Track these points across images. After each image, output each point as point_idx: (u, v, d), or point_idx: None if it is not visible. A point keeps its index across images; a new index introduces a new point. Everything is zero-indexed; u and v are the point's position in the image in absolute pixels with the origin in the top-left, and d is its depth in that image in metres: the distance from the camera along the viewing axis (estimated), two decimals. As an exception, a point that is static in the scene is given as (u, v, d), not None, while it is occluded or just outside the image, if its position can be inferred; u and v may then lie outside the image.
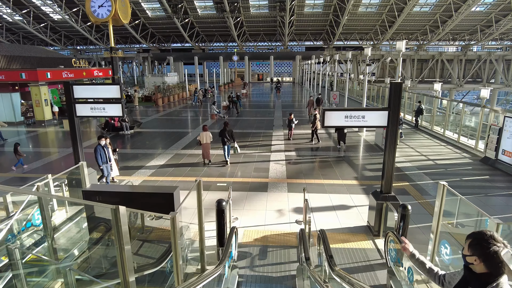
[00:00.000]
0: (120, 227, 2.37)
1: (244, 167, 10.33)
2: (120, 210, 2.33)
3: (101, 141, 8.55)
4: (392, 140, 5.79)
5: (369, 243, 5.89)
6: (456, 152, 12.05)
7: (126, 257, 2.48)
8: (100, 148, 8.47)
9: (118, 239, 2.40)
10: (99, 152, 8.44)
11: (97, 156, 8.40)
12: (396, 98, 5.59)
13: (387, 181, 6.00)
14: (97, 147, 8.46)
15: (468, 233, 1.95)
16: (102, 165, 8.47)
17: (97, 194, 4.79)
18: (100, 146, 8.48)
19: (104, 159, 8.47)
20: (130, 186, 6.39)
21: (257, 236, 6.13)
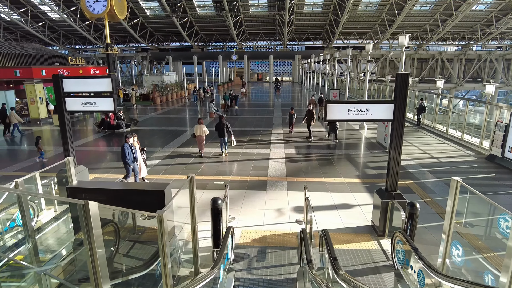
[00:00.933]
0: (90, 228, 2.02)
1: (242, 165, 10.01)
2: (90, 207, 1.98)
3: (128, 140, 8.07)
4: (398, 135, 5.47)
5: (374, 244, 5.57)
6: (460, 150, 11.74)
7: (99, 263, 2.13)
8: (127, 146, 7.98)
9: (88, 242, 2.06)
10: (127, 150, 7.95)
11: (125, 155, 7.90)
12: (403, 90, 5.27)
13: (393, 178, 5.68)
14: (124, 146, 7.98)
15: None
16: (131, 164, 8.00)
17: (83, 191, 4.46)
18: (127, 145, 8.00)
19: (131, 158, 7.99)
20: (119, 183, 6.07)
21: (256, 236, 5.80)
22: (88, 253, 2.10)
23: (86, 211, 1.97)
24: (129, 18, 49.07)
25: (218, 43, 61.47)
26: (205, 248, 5.40)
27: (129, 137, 8.12)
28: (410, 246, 3.90)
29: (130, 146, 8.06)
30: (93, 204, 2.01)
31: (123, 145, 7.98)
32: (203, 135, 10.75)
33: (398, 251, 4.50)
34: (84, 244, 2.10)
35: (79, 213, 2.04)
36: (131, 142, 8.12)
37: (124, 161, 8.00)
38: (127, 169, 8.11)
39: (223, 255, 3.91)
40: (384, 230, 5.76)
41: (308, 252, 3.84)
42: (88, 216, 1.98)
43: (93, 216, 2.02)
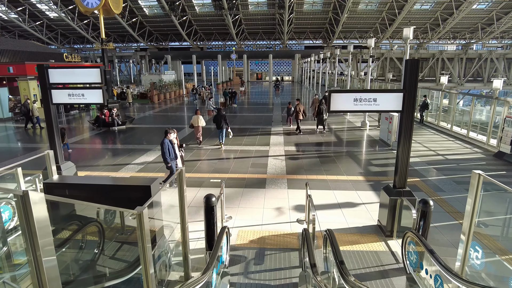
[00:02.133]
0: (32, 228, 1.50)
1: (241, 162, 9.59)
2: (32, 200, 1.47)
3: (169, 135, 7.41)
4: (408, 128, 5.06)
5: (381, 245, 5.15)
6: (466, 147, 11.33)
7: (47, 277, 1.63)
8: (168, 142, 7.33)
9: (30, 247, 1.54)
10: (167, 146, 7.28)
11: (165, 151, 7.24)
12: (413, 78, 4.86)
13: (401, 174, 5.26)
14: (164, 141, 7.30)
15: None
16: (170, 162, 7.35)
17: (61, 187, 4.05)
18: (168, 140, 7.35)
19: (172, 155, 7.37)
20: (101, 178, 5.64)
21: (253, 237, 5.38)
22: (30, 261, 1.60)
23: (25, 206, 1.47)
24: (128, 17, 48.69)
25: (217, 42, 61.07)
26: (199, 250, 4.98)
27: (169, 132, 7.44)
28: (424, 247, 3.49)
29: (170, 141, 7.39)
30: (37, 196, 1.51)
31: (163, 141, 7.31)
32: (200, 126, 11.35)
33: (410, 253, 4.08)
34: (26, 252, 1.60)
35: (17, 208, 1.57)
36: (171, 138, 7.46)
37: (164, 158, 7.31)
38: (169, 168, 7.46)
39: (216, 257, 3.49)
40: (392, 230, 5.34)
41: (312, 255, 3.43)
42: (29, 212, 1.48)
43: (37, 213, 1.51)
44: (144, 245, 2.55)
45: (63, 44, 58.93)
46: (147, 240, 2.56)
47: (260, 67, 73.44)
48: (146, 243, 2.54)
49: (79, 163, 9.69)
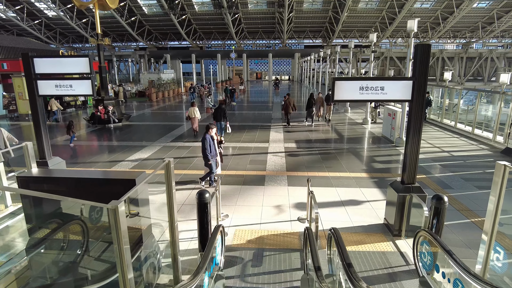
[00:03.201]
0: None
1: (239, 159, 9.22)
2: None
3: (211, 130, 6.95)
4: (417, 119, 4.68)
5: (389, 245, 4.78)
6: (472, 144, 10.97)
7: None
8: (209, 138, 6.85)
9: None
10: (209, 143, 6.78)
11: (206, 147, 6.70)
12: (423, 65, 4.49)
13: (411, 169, 4.89)
14: (206, 137, 6.78)
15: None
16: (211, 159, 6.84)
17: (37, 181, 3.67)
18: (209, 136, 6.87)
19: (213, 152, 6.89)
20: (83, 171, 5.26)
21: (251, 236, 5.01)
22: None
23: None
24: (127, 16, 48.33)
25: (217, 41, 60.71)
26: (192, 251, 4.61)
27: (211, 127, 6.98)
28: (441, 248, 3.12)
29: (211, 137, 6.94)
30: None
31: (204, 136, 6.80)
32: (196, 117, 12.07)
33: (423, 254, 3.71)
34: None
35: None
36: (213, 133, 7.01)
37: (204, 155, 6.77)
38: (209, 165, 6.90)
39: (208, 259, 3.12)
40: (400, 229, 4.97)
41: (316, 256, 3.05)
42: None
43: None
44: (121, 246, 2.19)
45: (62, 43, 58.55)
46: (124, 240, 2.19)
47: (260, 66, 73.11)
48: (123, 244, 2.17)
49: (70, 160, 9.32)
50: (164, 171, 3.11)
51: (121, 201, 2.17)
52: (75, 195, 3.14)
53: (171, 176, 3.12)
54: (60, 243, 4.13)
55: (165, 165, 3.08)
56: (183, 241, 4.89)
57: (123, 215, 2.16)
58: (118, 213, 2.10)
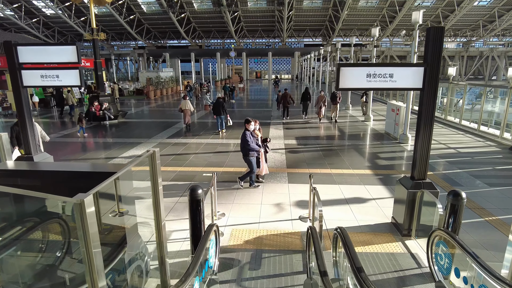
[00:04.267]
0: None
1: (237, 155, 8.83)
2: None
3: (249, 125, 6.37)
4: (430, 108, 4.32)
5: (398, 246, 4.41)
6: (478, 141, 10.61)
7: None
8: (249, 135, 6.29)
9: None
10: (250, 140, 6.21)
11: (248, 140, 6.15)
12: (436, 50, 4.12)
13: (422, 163, 4.52)
14: (246, 133, 6.24)
15: None
16: (251, 157, 6.25)
17: (11, 174, 3.30)
18: (249, 133, 6.33)
19: (254, 147, 6.29)
20: (59, 164, 4.89)
21: (249, 237, 4.64)
22: None
23: None
24: (125, 14, 47.98)
25: (216, 40, 60.34)
26: (185, 252, 4.24)
27: (249, 122, 6.36)
28: (463, 250, 2.75)
29: (251, 133, 6.37)
30: None
31: (244, 133, 6.26)
32: (188, 109, 12.48)
33: (440, 256, 3.35)
34: None
35: None
36: (252, 128, 6.42)
37: (247, 150, 6.18)
38: (250, 163, 6.27)
39: (199, 262, 2.75)
40: (410, 229, 4.60)
41: (321, 259, 2.68)
42: None
43: None
44: (89, 250, 1.81)
45: (60, 42, 58.11)
46: (94, 243, 1.82)
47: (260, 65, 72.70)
48: (91, 246, 1.80)
49: (62, 157, 8.94)
50: (149, 163, 2.74)
51: (89, 194, 1.80)
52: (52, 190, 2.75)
53: (157, 169, 2.75)
54: (38, 244, 3.76)
55: (150, 156, 2.71)
56: (176, 242, 4.53)
57: (91, 210, 1.79)
58: (85, 208, 1.73)
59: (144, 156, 2.65)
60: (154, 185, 2.78)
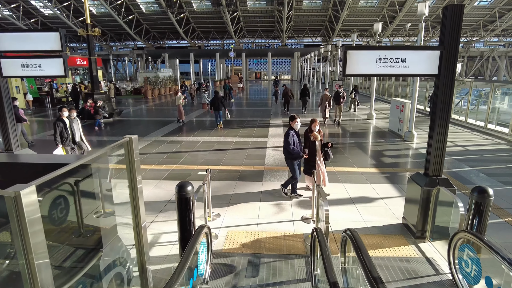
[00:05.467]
0: None
1: (235, 153, 8.41)
2: None
3: (294, 123, 5.36)
4: (446, 96, 3.90)
5: (411, 249, 3.97)
6: (486, 138, 10.18)
7: None
8: (294, 134, 5.33)
9: None
10: (293, 140, 5.28)
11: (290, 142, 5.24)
12: (454, 31, 3.70)
13: (437, 158, 4.09)
14: (289, 132, 5.31)
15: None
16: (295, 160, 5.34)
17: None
18: (293, 132, 5.33)
19: (297, 149, 5.30)
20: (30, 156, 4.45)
21: (246, 239, 4.20)
22: None
23: None
24: (124, 14, 47.58)
25: (215, 41, 60.00)
26: (174, 257, 3.80)
27: (295, 119, 5.36)
28: (497, 255, 2.32)
29: (296, 133, 5.38)
30: None
31: (287, 132, 5.35)
32: (180, 104, 13.02)
33: (465, 263, 2.91)
34: None
35: None
36: (298, 127, 5.39)
37: (287, 153, 5.31)
38: (291, 167, 5.40)
39: (185, 269, 2.32)
40: (424, 230, 4.17)
41: (330, 268, 2.25)
42: None
43: None
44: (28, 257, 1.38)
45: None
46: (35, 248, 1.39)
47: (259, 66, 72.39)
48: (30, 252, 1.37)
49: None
50: (125, 151, 2.31)
51: (27, 186, 1.36)
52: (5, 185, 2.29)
53: (134, 158, 2.32)
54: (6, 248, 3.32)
55: (126, 144, 2.28)
56: (165, 245, 4.10)
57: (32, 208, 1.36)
58: (21, 201, 1.30)
59: (118, 143, 2.23)
60: (132, 178, 2.35)
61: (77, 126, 7.05)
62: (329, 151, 5.68)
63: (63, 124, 6.70)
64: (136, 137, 2.36)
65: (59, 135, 6.60)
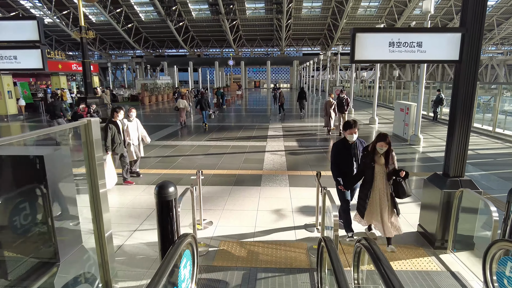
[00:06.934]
0: None
1: (231, 157, 7.90)
2: None
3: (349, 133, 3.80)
4: (469, 86, 3.42)
5: (431, 262, 3.43)
6: (496, 142, 9.71)
7: None
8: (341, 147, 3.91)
9: None
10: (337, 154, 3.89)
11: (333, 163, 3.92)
12: (478, 10, 3.26)
13: (459, 157, 3.60)
14: (336, 143, 3.97)
15: None
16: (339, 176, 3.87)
17: None
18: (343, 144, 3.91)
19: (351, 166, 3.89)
20: None
21: (241, 251, 3.66)
22: None
23: None
24: (123, 23, 47.67)
25: (214, 49, 60.13)
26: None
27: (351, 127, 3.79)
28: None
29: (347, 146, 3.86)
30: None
31: (335, 144, 3.96)
32: (184, 108, 13.19)
33: (508, 279, 2.38)
34: None
35: None
36: (354, 138, 3.80)
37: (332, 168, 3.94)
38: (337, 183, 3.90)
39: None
40: (444, 239, 3.64)
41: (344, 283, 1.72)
42: None
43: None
44: None
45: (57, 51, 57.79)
46: None
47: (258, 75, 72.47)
48: None
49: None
50: (82, 138, 1.81)
51: None
52: None
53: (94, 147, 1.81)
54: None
55: (83, 128, 1.78)
56: (148, 258, 3.55)
57: None
58: None
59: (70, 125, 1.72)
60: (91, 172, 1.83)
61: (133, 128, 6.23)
62: (403, 183, 3.46)
63: (116, 128, 5.83)
64: (97, 120, 1.86)
65: (111, 141, 5.68)
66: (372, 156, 3.63)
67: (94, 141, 1.81)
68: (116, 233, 4.00)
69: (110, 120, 5.84)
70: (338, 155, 3.92)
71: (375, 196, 3.61)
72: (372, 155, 3.63)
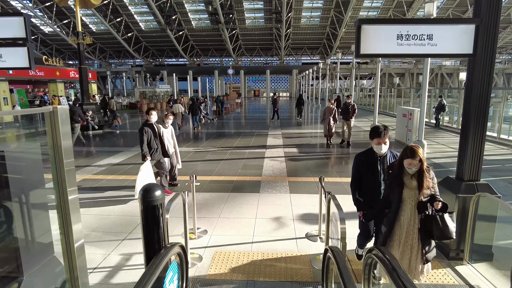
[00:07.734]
0: None
1: (229, 164, 7.60)
2: None
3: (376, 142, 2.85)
4: (484, 82, 3.17)
5: (447, 274, 3.11)
6: (502, 148, 9.45)
7: None
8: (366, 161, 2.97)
9: None
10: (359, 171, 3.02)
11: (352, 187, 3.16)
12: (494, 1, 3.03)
13: (474, 158, 3.32)
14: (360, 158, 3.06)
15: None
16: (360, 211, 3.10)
17: None
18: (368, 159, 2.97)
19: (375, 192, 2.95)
20: None
21: (238, 262, 3.33)
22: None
23: None
24: (123, 32, 47.99)
25: (214, 59, 60.43)
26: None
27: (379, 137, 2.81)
28: None
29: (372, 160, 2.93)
30: None
31: (358, 157, 3.04)
32: (180, 112, 13.85)
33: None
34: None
35: None
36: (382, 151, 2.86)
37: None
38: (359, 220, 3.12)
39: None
40: (460, 249, 3.32)
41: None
42: None
43: None
44: None
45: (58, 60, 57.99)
46: None
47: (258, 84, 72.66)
48: None
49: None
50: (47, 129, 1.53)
51: None
52: None
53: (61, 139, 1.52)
54: None
55: (48, 116, 1.50)
56: (137, 269, 3.23)
57: None
58: None
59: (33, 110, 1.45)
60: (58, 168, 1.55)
61: (168, 135, 5.68)
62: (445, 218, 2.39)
63: (152, 131, 5.30)
64: (66, 109, 1.59)
65: (147, 145, 5.18)
66: (399, 177, 2.54)
67: (62, 133, 1.53)
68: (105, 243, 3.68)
69: (145, 123, 5.34)
70: (361, 172, 2.96)
71: (401, 233, 2.54)
72: (399, 175, 2.54)
